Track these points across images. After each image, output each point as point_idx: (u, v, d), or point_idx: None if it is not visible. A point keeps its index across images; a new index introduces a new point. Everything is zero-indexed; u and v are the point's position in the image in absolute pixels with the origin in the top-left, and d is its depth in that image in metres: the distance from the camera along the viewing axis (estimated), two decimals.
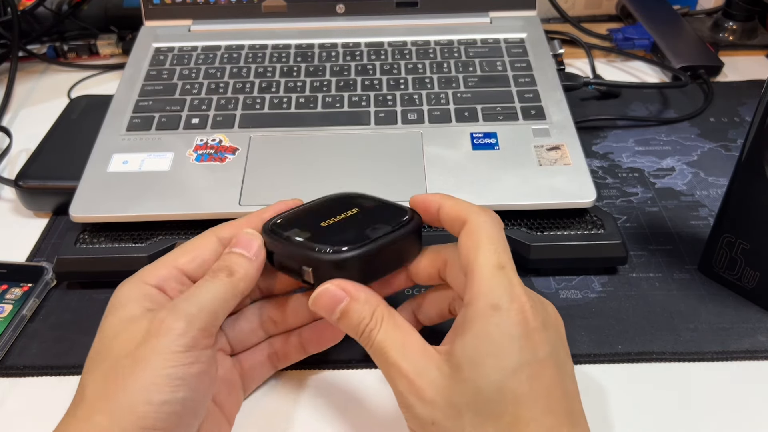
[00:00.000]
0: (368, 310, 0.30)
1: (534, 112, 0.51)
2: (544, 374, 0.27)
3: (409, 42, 0.59)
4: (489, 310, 0.28)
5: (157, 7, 0.61)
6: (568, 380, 0.29)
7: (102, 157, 0.48)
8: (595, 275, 0.45)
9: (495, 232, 0.30)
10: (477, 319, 0.28)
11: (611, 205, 0.51)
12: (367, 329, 0.30)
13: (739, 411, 0.37)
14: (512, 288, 0.28)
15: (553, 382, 0.27)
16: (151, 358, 0.28)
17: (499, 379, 0.27)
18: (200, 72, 0.56)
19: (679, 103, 0.63)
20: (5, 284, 0.44)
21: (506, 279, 0.29)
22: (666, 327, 0.41)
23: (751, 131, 0.38)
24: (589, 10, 0.80)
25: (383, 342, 0.30)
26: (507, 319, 0.28)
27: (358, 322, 0.30)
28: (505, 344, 0.27)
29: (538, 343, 0.28)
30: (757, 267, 0.41)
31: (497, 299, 0.28)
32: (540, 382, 0.27)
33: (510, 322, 0.28)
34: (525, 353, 0.27)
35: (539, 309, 0.29)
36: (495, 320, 0.28)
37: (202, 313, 0.30)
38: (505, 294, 0.28)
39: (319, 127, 0.50)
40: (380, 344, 0.30)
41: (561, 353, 0.29)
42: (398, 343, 0.29)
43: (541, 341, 0.28)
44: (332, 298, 0.31)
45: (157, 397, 0.28)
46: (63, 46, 0.71)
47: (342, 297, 0.31)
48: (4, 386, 0.39)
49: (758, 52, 0.72)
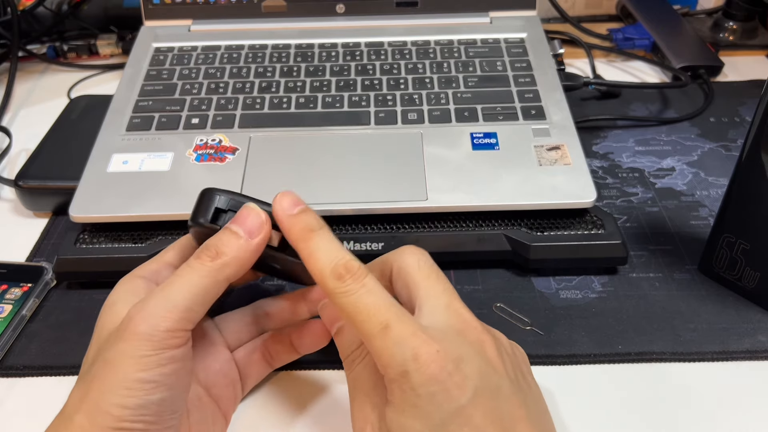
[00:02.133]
0: (358, 341, 0.31)
1: (534, 112, 0.51)
2: (475, 414, 0.26)
3: (409, 42, 0.59)
4: (399, 378, 0.27)
5: (157, 7, 0.61)
6: (505, 407, 0.27)
7: (102, 157, 0.48)
8: (595, 275, 0.45)
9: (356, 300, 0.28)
10: (393, 388, 0.27)
11: (611, 205, 0.51)
12: (351, 357, 0.31)
13: (739, 411, 0.37)
14: (406, 345, 0.27)
15: (486, 419, 0.26)
16: (121, 363, 0.27)
17: None
18: (200, 72, 0.56)
19: (679, 103, 0.63)
20: (5, 284, 0.44)
21: (396, 337, 0.27)
22: (666, 327, 0.41)
23: (751, 131, 0.38)
24: (589, 10, 0.80)
25: (356, 379, 0.30)
26: (418, 381, 0.26)
27: (348, 345, 0.31)
28: (426, 404, 0.26)
29: (459, 387, 0.26)
30: (757, 267, 0.41)
31: (400, 365, 0.26)
32: (472, 424, 0.26)
33: (423, 381, 0.26)
34: (449, 404, 0.26)
35: (450, 344, 0.27)
36: (408, 386, 0.26)
37: (172, 312, 0.28)
38: (405, 356, 0.26)
39: (319, 127, 0.50)
40: (356, 377, 0.30)
41: (491, 380, 0.27)
42: (366, 389, 0.29)
43: (461, 383, 0.26)
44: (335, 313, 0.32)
45: (131, 401, 0.27)
46: (63, 46, 0.71)
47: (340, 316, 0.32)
48: (4, 386, 0.39)
49: (758, 52, 0.71)
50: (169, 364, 0.28)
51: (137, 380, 0.27)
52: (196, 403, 0.33)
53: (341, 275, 0.28)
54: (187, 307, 0.29)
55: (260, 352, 0.36)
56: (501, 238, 0.44)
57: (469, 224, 0.45)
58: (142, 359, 0.27)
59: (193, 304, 0.29)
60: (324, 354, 0.37)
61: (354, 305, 0.28)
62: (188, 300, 0.29)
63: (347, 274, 0.28)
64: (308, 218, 0.30)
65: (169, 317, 0.28)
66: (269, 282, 0.44)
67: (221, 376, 0.34)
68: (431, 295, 0.30)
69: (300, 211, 0.30)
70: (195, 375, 0.33)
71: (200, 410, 0.33)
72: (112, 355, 0.28)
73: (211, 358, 0.35)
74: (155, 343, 0.28)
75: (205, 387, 0.34)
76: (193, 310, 0.29)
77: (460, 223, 0.45)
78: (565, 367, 0.39)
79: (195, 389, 0.33)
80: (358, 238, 0.44)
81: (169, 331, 0.28)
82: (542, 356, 0.40)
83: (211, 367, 0.34)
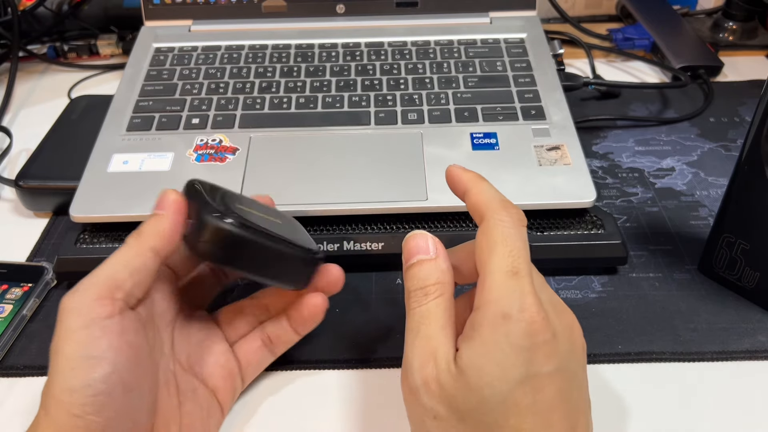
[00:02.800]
0: (439, 277, 0.30)
1: (534, 112, 0.51)
2: (549, 388, 0.27)
3: (409, 42, 0.59)
4: (498, 318, 0.27)
5: (157, 7, 0.61)
6: (575, 394, 0.28)
7: (102, 157, 0.48)
8: (595, 275, 0.45)
9: (512, 233, 0.29)
10: (485, 326, 0.27)
11: (611, 205, 0.51)
12: (425, 290, 0.30)
13: (739, 411, 0.37)
14: (523, 297, 0.27)
15: (557, 397, 0.27)
16: (62, 345, 0.28)
17: (503, 390, 0.26)
18: (200, 72, 0.56)
19: (679, 103, 0.63)
20: (5, 284, 0.44)
21: (518, 287, 0.28)
22: (666, 327, 0.41)
23: (751, 131, 0.38)
24: (589, 10, 0.80)
25: (429, 312, 0.29)
26: (515, 330, 0.27)
27: (424, 278, 0.30)
28: (512, 355, 0.27)
29: (546, 356, 0.27)
30: (757, 267, 0.41)
31: (507, 308, 0.27)
32: (543, 395, 0.27)
33: (518, 332, 0.27)
34: (531, 366, 0.27)
35: (552, 319, 0.28)
36: (503, 329, 0.27)
37: (95, 283, 0.29)
38: (516, 303, 0.27)
39: (319, 127, 0.50)
40: (425, 312, 0.29)
41: (572, 365, 0.28)
42: (439, 323, 0.29)
43: (549, 354, 0.27)
44: (422, 246, 0.31)
45: (76, 381, 0.27)
46: (63, 46, 0.71)
47: (430, 251, 0.31)
48: (4, 386, 0.39)
49: (758, 52, 0.72)
50: (104, 337, 0.28)
51: (77, 357, 0.28)
52: (189, 394, 0.33)
53: (507, 206, 0.30)
54: (110, 275, 0.29)
55: (260, 339, 0.37)
56: None
57: (469, 224, 0.45)
58: (75, 333, 0.28)
59: (115, 274, 0.30)
60: (325, 354, 0.37)
61: (505, 237, 0.29)
62: (111, 271, 0.30)
63: (512, 208, 0.30)
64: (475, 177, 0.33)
65: (92, 287, 0.29)
66: None
67: (218, 367, 0.35)
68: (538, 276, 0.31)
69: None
70: (190, 366, 0.34)
71: (194, 401, 0.33)
72: (55, 342, 0.28)
73: (207, 351, 0.35)
74: (84, 314, 0.28)
75: (201, 379, 0.34)
76: (117, 278, 0.29)
77: (460, 223, 0.45)
78: None
79: (190, 382, 0.33)
80: (358, 238, 0.44)
81: (95, 300, 0.29)
82: None
83: (207, 359, 0.35)
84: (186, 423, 0.32)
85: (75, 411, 0.27)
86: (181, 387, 0.33)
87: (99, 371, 0.27)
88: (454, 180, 0.33)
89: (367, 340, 0.41)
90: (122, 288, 0.29)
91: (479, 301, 0.28)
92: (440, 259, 0.31)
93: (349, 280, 0.45)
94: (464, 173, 0.33)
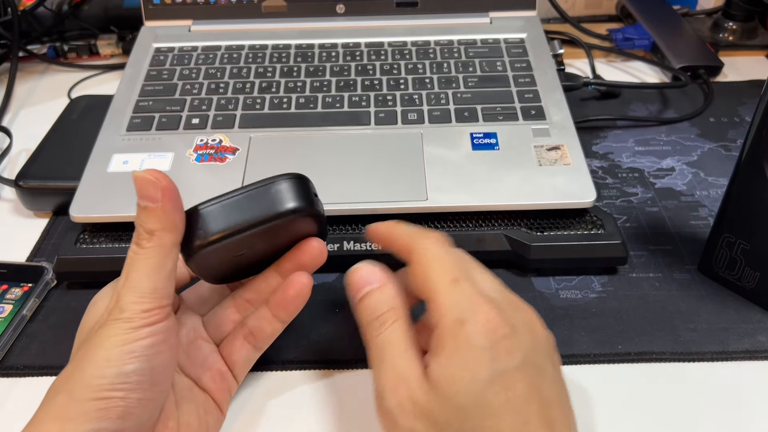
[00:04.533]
0: (390, 303, 0.31)
1: (534, 112, 0.51)
2: (519, 384, 0.27)
3: (409, 42, 0.59)
4: (455, 326, 0.28)
5: (157, 7, 0.61)
6: (547, 386, 0.28)
7: (102, 157, 0.48)
8: (595, 275, 0.45)
9: (439, 252, 0.31)
10: (446, 336, 0.28)
11: (611, 205, 0.51)
12: (379, 320, 0.31)
13: (739, 411, 0.37)
14: (471, 299, 0.28)
15: (529, 391, 0.27)
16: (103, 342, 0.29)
17: (476, 392, 0.27)
18: (200, 72, 0.56)
19: (679, 103, 0.63)
20: (5, 284, 0.44)
21: (463, 292, 0.29)
22: (666, 327, 0.41)
23: (751, 131, 0.38)
24: (589, 10, 0.80)
25: (388, 339, 0.30)
26: (473, 331, 0.28)
27: (376, 308, 0.31)
28: (476, 356, 0.27)
29: (508, 351, 0.27)
30: (757, 267, 0.41)
31: (460, 313, 0.28)
32: (515, 392, 0.27)
33: (477, 333, 0.27)
34: (497, 363, 0.27)
35: (508, 314, 0.29)
36: (463, 335, 0.28)
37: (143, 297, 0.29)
38: (467, 306, 0.28)
39: (319, 127, 0.50)
40: (385, 340, 0.30)
41: (538, 358, 0.29)
42: (401, 347, 0.30)
43: (511, 349, 0.28)
44: (366, 277, 0.32)
45: (110, 371, 0.28)
46: (63, 46, 0.71)
47: (374, 280, 0.32)
48: (4, 386, 0.39)
49: (758, 52, 0.72)
50: (149, 337, 0.29)
51: (119, 353, 0.28)
52: (186, 393, 0.33)
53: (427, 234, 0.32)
54: (153, 288, 0.30)
55: (242, 336, 0.36)
56: (501, 238, 0.44)
57: (469, 224, 0.45)
58: (123, 337, 0.29)
59: (156, 283, 0.30)
60: (325, 354, 0.37)
61: (435, 256, 0.30)
62: (151, 281, 0.30)
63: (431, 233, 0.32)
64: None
65: (142, 301, 0.29)
66: None
67: (206, 368, 0.35)
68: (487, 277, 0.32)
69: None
70: (183, 368, 0.34)
71: (190, 399, 0.33)
72: (95, 340, 0.29)
73: (194, 353, 0.35)
74: (136, 323, 0.29)
75: (195, 379, 0.34)
76: (159, 288, 0.30)
77: (460, 223, 0.45)
78: (565, 367, 0.39)
79: (184, 380, 0.34)
80: (358, 238, 0.44)
81: (146, 311, 0.29)
82: None
83: (196, 361, 0.35)
84: (184, 421, 0.32)
85: (101, 395, 0.28)
86: (177, 386, 0.33)
87: (136, 364, 0.28)
88: (375, 234, 0.35)
89: None
90: (166, 295, 0.30)
91: (434, 319, 0.29)
92: (387, 285, 0.32)
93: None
94: (380, 225, 0.35)
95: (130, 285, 0.29)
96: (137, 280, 0.30)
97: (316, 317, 0.42)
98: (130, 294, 0.29)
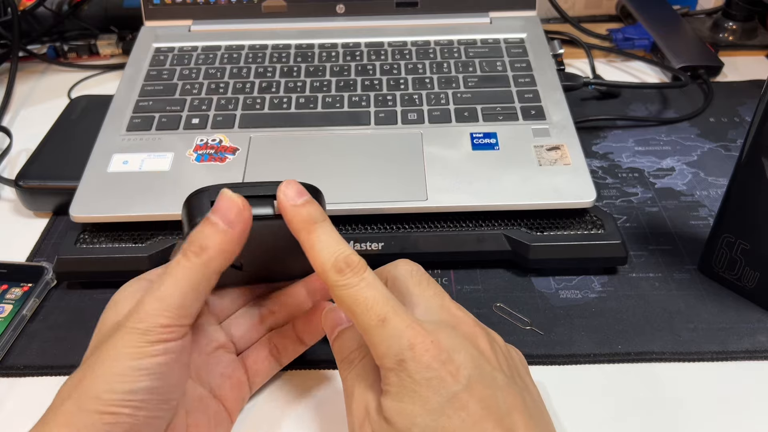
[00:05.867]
0: (358, 342, 0.32)
1: (534, 112, 0.51)
2: (471, 402, 0.27)
3: (409, 42, 0.59)
4: (395, 365, 0.28)
5: (157, 7, 0.61)
6: (501, 396, 0.28)
7: (102, 157, 0.48)
8: (595, 275, 0.45)
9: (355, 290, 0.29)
10: (390, 377, 0.28)
11: (611, 205, 0.51)
12: (348, 359, 0.32)
13: (739, 411, 0.37)
14: (402, 334, 0.28)
15: (482, 407, 0.27)
16: (116, 354, 0.28)
17: (429, 423, 0.27)
18: (200, 72, 0.56)
19: (679, 103, 0.63)
20: (5, 284, 0.44)
21: (394, 331, 0.28)
22: (666, 327, 0.41)
23: (751, 131, 0.38)
24: (589, 10, 0.80)
25: (357, 375, 0.31)
26: (414, 368, 0.27)
27: (346, 347, 0.32)
28: (423, 389, 0.27)
29: (453, 375, 0.27)
30: (756, 267, 0.41)
31: (397, 354, 0.28)
32: (468, 411, 0.27)
33: (418, 368, 0.27)
34: (444, 389, 0.27)
35: (442, 338, 0.28)
36: (405, 372, 0.28)
37: (167, 310, 0.29)
38: (401, 345, 0.28)
39: (319, 127, 0.50)
40: (354, 376, 0.31)
41: (485, 370, 0.28)
42: (367, 383, 0.30)
43: (454, 371, 0.27)
44: (338, 318, 0.33)
45: (121, 386, 0.28)
46: (63, 46, 0.71)
47: (344, 320, 0.33)
48: (4, 386, 0.39)
49: (758, 52, 0.72)
50: (163, 355, 0.29)
51: (130, 368, 0.28)
52: (196, 403, 0.33)
53: (341, 269, 0.29)
54: (180, 304, 0.29)
55: (267, 349, 0.37)
56: (501, 238, 0.44)
57: (469, 224, 0.45)
58: (136, 350, 0.28)
59: (185, 300, 0.29)
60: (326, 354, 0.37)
61: (353, 298, 0.29)
62: (180, 297, 0.29)
63: (347, 267, 0.29)
64: (312, 209, 0.31)
65: (165, 315, 0.29)
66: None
67: (225, 377, 0.35)
68: (424, 297, 0.31)
69: (304, 201, 0.31)
70: (198, 376, 0.34)
71: (201, 410, 0.33)
72: (108, 347, 0.28)
73: (215, 361, 0.35)
74: (152, 337, 0.28)
75: (209, 388, 0.34)
76: (185, 305, 0.29)
77: (460, 223, 0.45)
78: (565, 367, 0.39)
79: (197, 389, 0.33)
80: (358, 238, 0.44)
81: (164, 326, 0.29)
82: (542, 356, 0.40)
83: (215, 370, 0.34)
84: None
85: (109, 410, 0.27)
86: (189, 395, 0.33)
87: (147, 382, 0.28)
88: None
89: None
90: (190, 315, 0.30)
91: (378, 362, 0.29)
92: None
93: None
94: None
95: (159, 294, 0.29)
96: (168, 291, 0.29)
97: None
98: (155, 303, 0.29)
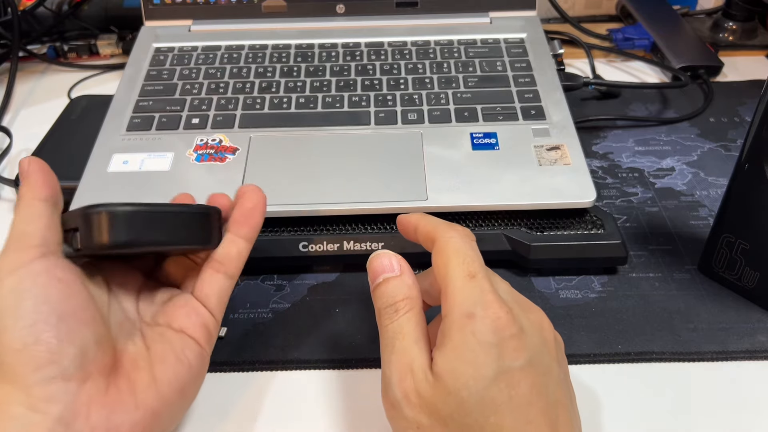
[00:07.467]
0: (406, 293, 0.31)
1: (534, 112, 0.51)
2: (523, 383, 0.27)
3: (409, 42, 0.59)
4: (463, 319, 0.28)
5: (157, 7, 0.61)
6: (552, 388, 0.28)
7: (102, 157, 0.48)
8: (595, 275, 0.45)
9: (462, 245, 0.31)
10: (453, 329, 0.28)
11: (611, 205, 0.51)
12: (394, 306, 0.31)
13: (739, 411, 0.37)
14: (484, 295, 0.29)
15: (532, 391, 0.27)
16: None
17: (479, 388, 0.27)
18: (200, 72, 0.56)
19: (679, 103, 0.63)
20: None
21: (477, 287, 0.29)
22: (666, 327, 0.41)
23: (751, 131, 0.38)
24: (589, 10, 0.80)
25: (401, 327, 0.30)
26: (482, 327, 0.28)
27: (393, 294, 0.31)
28: (482, 353, 0.27)
29: (515, 350, 0.28)
30: (757, 267, 0.41)
31: (470, 308, 0.28)
32: (518, 391, 0.27)
33: (484, 330, 0.28)
34: (502, 361, 0.27)
35: (518, 314, 0.29)
36: (470, 329, 0.28)
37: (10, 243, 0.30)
38: (478, 302, 0.28)
39: (319, 127, 0.50)
40: (397, 327, 0.30)
41: (544, 359, 0.29)
42: (412, 337, 0.30)
43: (517, 348, 0.28)
44: (386, 265, 0.32)
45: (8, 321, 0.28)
46: (63, 46, 0.71)
47: (395, 269, 0.32)
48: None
49: (758, 52, 0.72)
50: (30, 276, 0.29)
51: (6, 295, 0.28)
52: (157, 338, 0.33)
53: (453, 226, 0.32)
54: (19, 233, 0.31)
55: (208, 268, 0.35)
56: (501, 238, 0.44)
57: (469, 224, 0.45)
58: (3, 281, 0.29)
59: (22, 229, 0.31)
60: (324, 354, 0.37)
61: (456, 247, 0.31)
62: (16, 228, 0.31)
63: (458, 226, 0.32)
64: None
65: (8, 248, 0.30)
66: (269, 281, 0.44)
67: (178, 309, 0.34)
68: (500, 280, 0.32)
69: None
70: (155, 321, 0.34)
71: (162, 342, 0.33)
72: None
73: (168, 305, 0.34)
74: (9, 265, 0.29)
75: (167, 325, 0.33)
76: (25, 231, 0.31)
77: (460, 223, 0.45)
78: None
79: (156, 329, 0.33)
80: (358, 238, 0.44)
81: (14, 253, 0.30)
82: None
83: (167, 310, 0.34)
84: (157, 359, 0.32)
85: (16, 345, 0.28)
86: (148, 336, 0.33)
87: (28, 302, 0.28)
88: (403, 224, 0.35)
89: (366, 339, 0.41)
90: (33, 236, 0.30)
91: (445, 310, 0.29)
92: (405, 275, 0.32)
93: (349, 280, 0.45)
94: (410, 215, 0.35)
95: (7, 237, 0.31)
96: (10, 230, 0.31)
97: (316, 317, 0.42)
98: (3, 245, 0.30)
